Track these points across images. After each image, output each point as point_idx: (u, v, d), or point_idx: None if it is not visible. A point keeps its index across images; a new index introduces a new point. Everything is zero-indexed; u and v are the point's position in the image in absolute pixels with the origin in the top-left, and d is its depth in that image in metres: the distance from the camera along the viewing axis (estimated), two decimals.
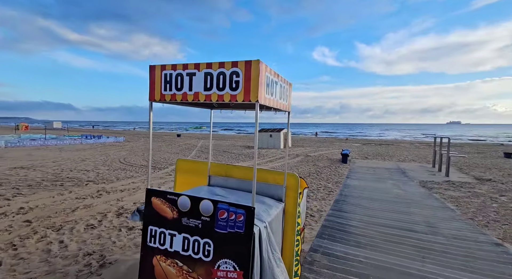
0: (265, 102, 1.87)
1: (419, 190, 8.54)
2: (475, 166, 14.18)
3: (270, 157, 17.72)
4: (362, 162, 15.75)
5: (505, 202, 6.98)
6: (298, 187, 2.67)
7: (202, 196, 2.52)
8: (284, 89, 2.37)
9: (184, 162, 3.31)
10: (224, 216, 1.82)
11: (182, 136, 46.32)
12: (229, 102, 1.82)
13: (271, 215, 2.18)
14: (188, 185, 3.10)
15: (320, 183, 9.45)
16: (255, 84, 1.73)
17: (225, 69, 1.80)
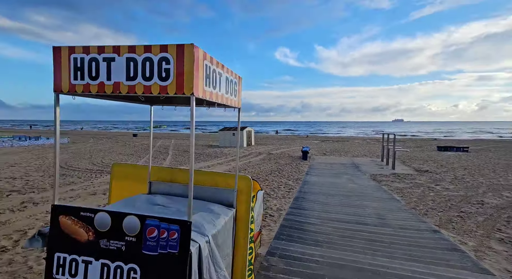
0: (204, 95, 1.59)
1: (370, 183, 9.15)
2: (415, 159, 15.93)
3: (233, 155, 17.42)
4: (321, 158, 16.48)
5: (439, 191, 7.86)
6: (250, 190, 2.46)
7: (138, 206, 2.14)
8: (232, 84, 2.12)
9: (121, 166, 2.84)
10: (153, 234, 1.50)
11: (139, 136, 43.06)
12: (159, 95, 1.49)
13: (217, 226, 1.91)
14: (125, 193, 2.66)
15: (281, 181, 9.50)
16: (189, 73, 1.43)
17: (153, 54, 1.47)
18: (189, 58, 1.42)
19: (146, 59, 1.47)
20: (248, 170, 11.84)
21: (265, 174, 10.84)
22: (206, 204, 2.29)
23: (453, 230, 4.65)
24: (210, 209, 2.16)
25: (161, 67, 1.46)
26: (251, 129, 26.76)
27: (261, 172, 11.36)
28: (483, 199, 6.84)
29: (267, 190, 7.92)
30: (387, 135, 14.72)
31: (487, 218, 5.30)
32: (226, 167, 12.91)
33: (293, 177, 10.30)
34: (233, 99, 2.18)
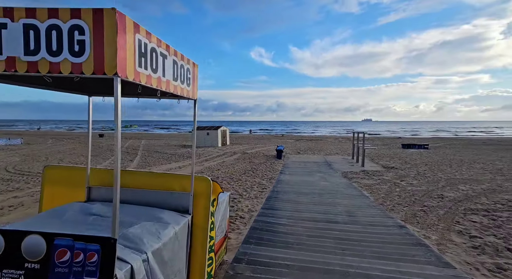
0: (136, 78, 1.27)
1: (341, 181, 9.32)
2: (383, 156, 16.75)
3: (206, 155, 16.87)
4: (295, 157, 16.62)
5: (404, 186, 8.22)
6: (210, 192, 2.17)
7: (67, 218, 1.74)
8: (183, 70, 1.82)
9: (55, 169, 2.38)
10: (65, 258, 1.16)
11: (106, 136, 40.22)
12: (71, 75, 1.15)
13: (163, 238, 1.60)
14: (59, 201, 2.21)
15: (254, 180, 9.30)
16: (111, 46, 1.11)
17: (61, 20, 1.12)
18: (111, 27, 1.10)
19: (52, 27, 1.11)
20: (222, 170, 11.48)
21: (239, 174, 10.57)
22: (155, 211, 1.95)
23: (417, 224, 4.79)
24: (158, 217, 1.84)
25: (73, 39, 1.12)
26: (226, 128, 26.30)
27: (235, 172, 11.06)
28: (443, 193, 7.25)
29: (240, 190, 7.65)
30: (357, 134, 15.27)
31: (447, 211, 5.58)
32: (199, 167, 12.40)
33: (267, 176, 10.16)
34: (185, 89, 1.87)
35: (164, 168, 12.00)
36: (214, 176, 10.04)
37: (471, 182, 8.92)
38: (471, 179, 9.39)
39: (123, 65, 1.15)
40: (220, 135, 24.31)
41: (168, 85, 1.61)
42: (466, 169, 11.62)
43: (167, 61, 1.56)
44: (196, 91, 2.06)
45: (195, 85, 2.03)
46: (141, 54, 1.29)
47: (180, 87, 1.78)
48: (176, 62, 1.70)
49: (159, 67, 1.47)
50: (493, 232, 4.33)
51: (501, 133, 57.56)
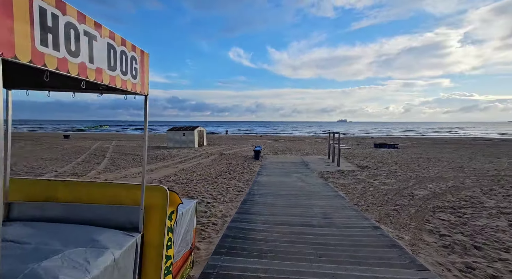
0: (36, 59, 0.92)
1: (318, 181, 9.33)
2: (357, 156, 17.27)
3: (181, 157, 16.17)
4: (273, 157, 16.54)
5: (377, 185, 8.41)
6: (166, 205, 1.84)
7: None
8: (126, 58, 1.48)
9: None
10: None
11: (72, 137, 37.30)
12: None
13: (92, 271, 1.24)
14: None
15: (231, 183, 8.97)
16: None
17: None
18: None
19: None
20: (197, 172, 10.99)
21: (215, 176, 10.18)
22: (92, 232, 1.58)
23: (391, 224, 4.81)
24: (94, 241, 1.47)
25: None
26: (203, 129, 25.60)
27: (210, 174, 10.64)
28: (413, 191, 7.50)
29: (214, 193, 7.29)
30: (333, 135, 15.57)
31: (417, 210, 5.72)
32: (173, 169, 11.78)
33: (243, 178, 9.88)
34: (129, 81, 1.53)
35: (134, 171, 11.22)
36: (188, 179, 9.55)
37: (437, 179, 9.39)
38: (437, 177, 9.89)
39: (6, 39, 0.81)
40: (196, 136, 23.58)
41: (100, 75, 1.27)
42: (432, 167, 12.29)
43: (96, 44, 1.23)
44: (147, 85, 1.72)
45: (144, 78, 1.69)
46: (45, 28, 0.94)
47: (121, 79, 1.44)
48: (113, 47, 1.36)
49: (82, 50, 1.13)
50: (460, 230, 4.45)
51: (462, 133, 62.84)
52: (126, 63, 1.48)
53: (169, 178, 9.78)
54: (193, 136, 23.24)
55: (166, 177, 9.87)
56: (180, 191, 7.54)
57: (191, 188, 8.04)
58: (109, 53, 1.32)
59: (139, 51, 1.63)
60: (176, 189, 7.81)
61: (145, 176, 1.78)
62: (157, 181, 9.16)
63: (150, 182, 8.85)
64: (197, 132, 23.87)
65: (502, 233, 4.30)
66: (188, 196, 7.01)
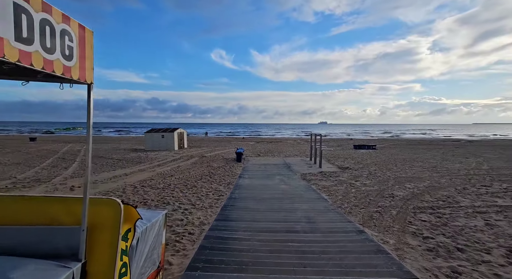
0: None
1: (300, 183, 9.20)
2: (338, 157, 17.52)
3: (159, 160, 15.41)
4: (255, 159, 16.30)
5: (359, 187, 8.44)
6: (119, 222, 1.49)
7: None
8: (56, 32, 1.12)
9: None
10: None
11: (39, 140, 34.55)
12: None
13: None
14: None
15: (211, 187, 8.57)
16: None
17: None
18: None
19: None
20: (176, 176, 10.44)
21: (195, 180, 9.70)
22: (7, 265, 1.18)
23: (375, 227, 4.72)
24: None
25: None
26: (183, 131, 24.78)
27: (190, 178, 10.15)
28: (393, 192, 7.59)
29: (193, 199, 6.87)
30: (315, 136, 15.65)
31: (399, 211, 5.72)
32: (149, 173, 11.11)
33: (224, 181, 9.51)
34: (61, 64, 1.17)
35: (106, 176, 10.42)
36: (166, 183, 9.01)
37: (415, 180, 9.65)
38: (414, 177, 10.18)
39: None
40: (176, 138, 22.75)
41: (16, 53, 0.91)
42: (408, 168, 12.70)
43: (24, 19, 0.87)
44: (90, 71, 1.36)
45: (86, 61, 1.33)
46: None
47: (47, 60, 1.08)
48: (48, 23, 1.00)
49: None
50: (442, 231, 4.46)
51: (435, 135, 66.76)
52: (53, 38, 1.12)
53: (145, 182, 9.17)
54: (172, 138, 22.40)
55: (141, 182, 9.25)
56: (155, 197, 7.03)
57: (168, 193, 7.54)
58: (17, 19, 0.93)
59: (77, 26, 1.26)
60: (151, 195, 7.29)
61: (89, 187, 1.41)
62: (131, 186, 8.53)
63: (123, 188, 8.22)
64: (177, 134, 23.05)
65: (480, 233, 4.36)
66: (164, 202, 6.53)
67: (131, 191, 7.82)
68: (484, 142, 35.13)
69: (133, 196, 7.15)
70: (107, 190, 7.84)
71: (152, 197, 6.99)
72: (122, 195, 7.21)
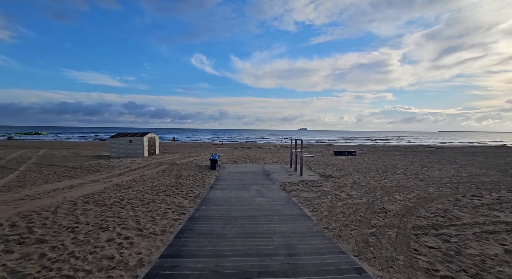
0: None
1: (280, 195, 8.04)
2: (319, 164, 16.70)
3: (122, 168, 13.47)
4: (232, 167, 14.96)
5: (345, 199, 7.43)
6: None
7: None
8: None
9: None
10: None
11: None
12: None
13: None
14: None
15: (173, 201, 7.11)
16: None
17: None
18: None
19: None
20: (135, 188, 8.80)
21: (156, 192, 8.15)
22: None
23: (374, 260, 3.63)
24: None
25: None
26: (155, 135, 22.78)
27: (151, 190, 8.57)
28: (384, 205, 6.66)
29: (143, 220, 5.39)
30: (295, 141, 14.69)
31: (398, 233, 4.72)
32: (103, 184, 9.33)
33: (192, 194, 8.08)
34: None
35: (44, 189, 8.51)
36: (118, 198, 7.39)
37: (402, 189, 8.90)
38: (401, 186, 9.46)
39: None
40: (146, 143, 20.73)
41: None
42: (391, 175, 12.09)
43: None
44: None
45: None
46: None
47: None
48: None
49: None
50: (460, 265, 3.48)
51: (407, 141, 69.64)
52: None
53: (91, 197, 7.46)
54: (141, 143, 20.36)
55: (87, 197, 7.52)
56: (93, 219, 5.42)
57: (114, 212, 5.97)
58: None
59: None
60: (89, 217, 5.65)
61: None
62: (71, 203, 6.80)
63: (57, 207, 6.47)
64: (147, 139, 21.05)
65: (507, 266, 3.43)
66: (101, 227, 4.97)
67: (66, 210, 6.13)
68: (453, 148, 36.75)
69: (64, 218, 5.49)
70: (32, 210, 6.07)
71: (89, 219, 5.39)
72: (48, 217, 5.51)
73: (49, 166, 14.36)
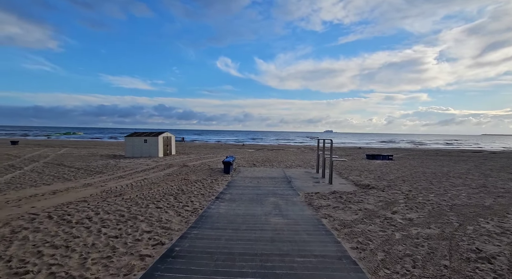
0: None
1: (304, 213, 5.87)
2: (350, 169, 14.08)
3: (127, 169, 12.15)
4: (248, 170, 13.02)
5: (404, 226, 5.05)
6: None
7: None
8: None
9: None
10: None
11: (21, 143, 31.97)
12: None
13: None
14: None
15: (161, 218, 5.33)
16: None
17: None
18: None
19: None
20: (125, 195, 7.22)
21: (148, 203, 6.46)
22: None
23: None
24: None
25: None
26: (171, 135, 21.69)
27: (145, 198, 6.92)
28: (476, 244, 4.19)
29: (88, 264, 3.60)
30: (323, 142, 12.32)
31: None
32: (91, 190, 7.92)
33: (190, 207, 6.27)
34: None
35: (25, 193, 7.26)
36: (93, 211, 5.82)
37: (483, 211, 6.22)
38: (477, 205, 6.75)
39: None
40: (161, 143, 19.65)
41: None
42: (451, 187, 9.24)
43: None
44: None
45: None
46: None
47: None
48: None
49: None
50: None
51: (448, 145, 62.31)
52: None
53: (63, 208, 5.96)
54: (156, 143, 19.30)
55: (58, 207, 6.03)
56: (20, 250, 3.76)
57: (65, 237, 4.29)
58: None
59: None
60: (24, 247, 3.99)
61: None
62: (30, 216, 5.30)
63: (16, 218, 4.99)
64: (163, 139, 19.96)
65: None
66: (17, 274, 3.26)
67: (9, 230, 4.58)
68: (508, 153, 31.11)
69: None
70: None
71: (11, 252, 3.71)
72: None
73: (57, 165, 13.62)
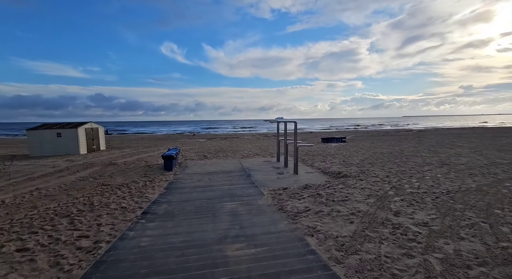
0: None
1: (278, 230, 3.89)
2: (311, 154, 12.86)
3: (16, 176, 8.29)
4: (198, 164, 10.54)
5: (432, 242, 3.49)
6: None
7: None
8: None
9: None
10: None
11: None
12: None
13: None
14: None
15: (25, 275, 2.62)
16: None
17: None
18: None
19: None
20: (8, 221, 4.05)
21: (11, 236, 3.53)
22: None
23: None
24: None
25: None
26: (97, 126, 17.27)
27: (13, 225, 3.91)
28: None
29: None
30: (284, 126, 10.61)
31: None
32: None
33: (93, 236, 3.64)
34: None
35: None
36: None
37: (480, 196, 5.27)
38: (469, 190, 5.86)
39: None
40: (83, 137, 15.29)
41: None
42: (418, 166, 8.58)
43: None
44: None
45: None
46: None
47: None
48: None
49: None
50: None
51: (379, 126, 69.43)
52: None
53: None
54: (75, 137, 14.92)
55: None
56: None
57: None
58: None
59: None
60: None
61: None
62: None
63: None
64: (85, 130, 15.59)
65: None
66: None
67: None
68: (432, 131, 35.53)
69: None
70: None
71: None
72: None
73: None
